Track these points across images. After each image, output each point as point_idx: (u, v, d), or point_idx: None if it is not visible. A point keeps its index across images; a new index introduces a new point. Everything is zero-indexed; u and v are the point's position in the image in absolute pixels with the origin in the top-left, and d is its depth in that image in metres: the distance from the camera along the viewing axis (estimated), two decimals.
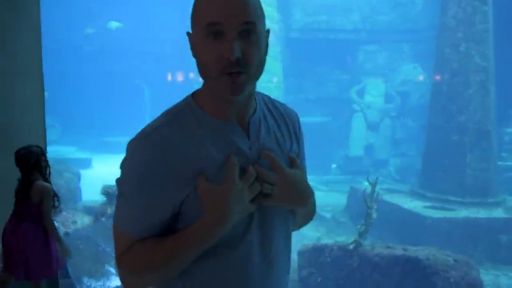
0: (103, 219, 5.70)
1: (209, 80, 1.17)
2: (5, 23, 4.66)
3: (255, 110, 1.27)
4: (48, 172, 3.20)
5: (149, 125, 1.21)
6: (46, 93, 5.21)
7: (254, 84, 1.23)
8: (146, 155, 1.15)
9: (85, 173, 10.79)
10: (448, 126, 8.36)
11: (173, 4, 16.69)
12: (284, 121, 1.35)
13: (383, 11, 14.16)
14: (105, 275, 4.29)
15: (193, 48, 1.18)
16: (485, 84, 8.22)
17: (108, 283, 4.23)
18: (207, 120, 1.21)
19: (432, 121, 8.76)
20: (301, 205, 1.31)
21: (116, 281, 4.20)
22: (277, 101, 1.38)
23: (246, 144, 1.23)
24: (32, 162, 3.08)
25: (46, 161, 3.20)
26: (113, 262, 4.22)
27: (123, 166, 1.20)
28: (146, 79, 17.88)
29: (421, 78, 13.76)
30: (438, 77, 8.64)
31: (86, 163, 13.67)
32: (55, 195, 3.18)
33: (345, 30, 14.06)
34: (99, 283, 4.20)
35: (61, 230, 5.22)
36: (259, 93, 1.35)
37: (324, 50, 13.69)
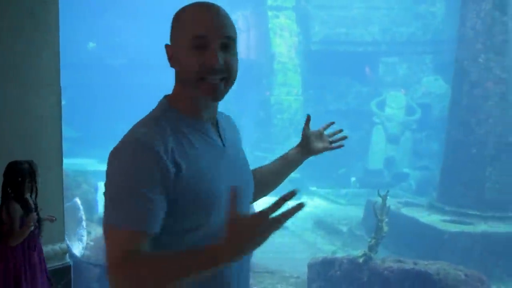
0: None
1: (191, 86, 1.30)
2: (27, 38, 4.81)
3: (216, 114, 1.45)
4: (30, 189, 2.99)
5: (133, 131, 1.28)
6: (63, 102, 5.32)
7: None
8: (143, 154, 1.22)
9: (103, 186, 10.93)
10: (467, 139, 8.22)
11: None
12: (230, 125, 1.54)
13: (403, 23, 14.08)
14: None
15: (174, 57, 1.33)
16: (505, 96, 8.07)
17: None
18: (187, 121, 1.33)
19: (451, 134, 8.62)
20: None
21: None
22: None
23: (220, 142, 1.38)
24: (20, 180, 2.93)
25: (33, 179, 3.00)
26: None
27: (116, 169, 1.24)
28: (168, 92, 18.14)
29: (442, 90, 13.58)
30: (456, 90, 8.53)
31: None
32: (24, 217, 2.92)
33: (364, 42, 14.02)
34: None
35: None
36: None
37: (343, 63, 13.66)
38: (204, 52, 1.27)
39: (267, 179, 1.75)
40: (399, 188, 12.34)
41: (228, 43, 1.31)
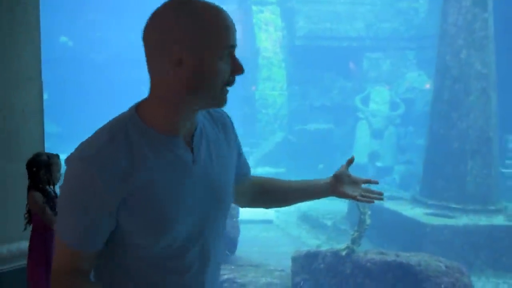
0: None
1: (205, 95, 1.23)
2: (6, 32, 4.74)
3: (197, 123, 1.34)
4: (47, 180, 3.14)
5: (90, 143, 1.24)
6: (45, 96, 5.26)
7: None
8: (87, 176, 1.19)
9: None
10: (449, 133, 8.33)
11: None
12: (217, 126, 1.43)
13: (387, 19, 14.19)
14: None
15: (193, 65, 1.20)
16: (486, 91, 8.18)
17: None
18: (151, 135, 1.25)
19: (433, 128, 8.73)
20: None
21: None
22: None
23: (190, 157, 1.29)
24: (35, 170, 3.10)
25: (49, 171, 3.14)
26: None
27: (64, 182, 1.24)
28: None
29: (426, 85, 13.72)
30: (438, 84, 8.63)
31: None
32: (53, 207, 3.08)
33: (349, 37, 14.10)
34: None
35: None
36: None
37: (328, 58, 13.73)
38: (232, 60, 1.25)
39: (278, 191, 1.69)
40: (383, 182, 12.45)
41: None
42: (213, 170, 1.34)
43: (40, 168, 3.11)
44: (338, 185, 1.68)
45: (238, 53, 1.31)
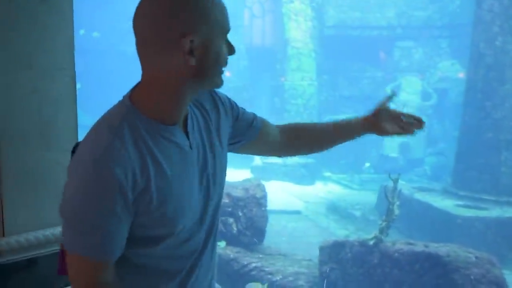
0: None
1: (210, 76, 1.24)
2: (42, 23, 4.89)
3: (187, 109, 1.34)
4: None
5: (93, 144, 1.19)
6: (78, 86, 5.40)
7: None
8: (104, 177, 1.13)
9: None
10: (482, 124, 8.13)
11: None
12: (205, 110, 1.42)
13: (419, 7, 13.85)
14: None
15: (203, 50, 1.20)
16: None
17: None
18: (151, 125, 1.23)
19: (466, 119, 8.54)
20: None
21: None
22: None
23: (187, 144, 1.30)
24: None
25: None
26: None
27: (75, 191, 1.15)
28: None
29: (460, 75, 13.39)
30: (472, 73, 8.42)
31: None
32: None
33: (379, 26, 13.85)
34: None
35: None
36: None
37: (358, 47, 13.53)
38: (228, 41, 1.28)
39: (309, 137, 1.68)
40: (414, 173, 12.28)
41: None
42: (206, 154, 1.35)
43: None
44: (377, 120, 1.64)
45: (268, 42, 1.32)
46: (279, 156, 1.73)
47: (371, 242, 4.74)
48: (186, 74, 1.21)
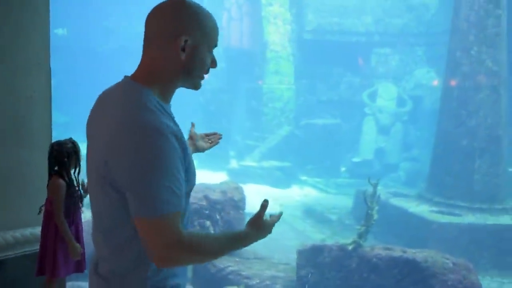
0: None
1: (192, 77, 1.55)
2: (16, 19, 4.73)
3: None
4: (72, 169, 3.14)
5: (137, 119, 1.39)
6: (53, 83, 5.24)
7: None
8: (159, 141, 1.35)
9: None
10: (457, 131, 8.25)
11: None
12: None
13: (396, 14, 14.06)
14: None
15: (189, 51, 1.50)
16: (496, 89, 8.10)
17: None
18: (160, 102, 1.49)
19: (441, 125, 8.66)
20: None
21: None
22: None
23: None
24: (65, 160, 3.07)
25: (76, 158, 3.14)
26: None
27: (141, 160, 1.34)
28: None
29: (434, 82, 13.62)
30: (448, 81, 8.55)
31: None
32: (74, 193, 3.11)
33: (358, 32, 13.99)
34: None
35: None
36: None
37: (336, 52, 13.63)
38: (212, 55, 1.57)
39: None
40: (389, 179, 12.40)
41: None
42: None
43: (71, 155, 3.08)
44: (196, 143, 2.03)
45: (247, 45, 1.47)
46: None
47: (350, 247, 4.73)
48: (177, 67, 1.51)
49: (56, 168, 3.08)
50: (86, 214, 5.80)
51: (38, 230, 3.57)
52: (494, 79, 8.06)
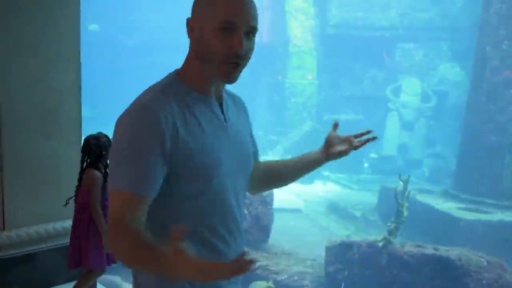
0: None
1: (209, 64, 1.35)
2: (48, 12, 4.75)
3: (222, 96, 1.49)
4: (106, 162, 3.18)
5: (144, 95, 1.35)
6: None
7: None
8: (147, 118, 1.28)
9: None
10: (486, 127, 8.10)
11: None
12: (235, 105, 1.57)
13: (422, 8, 13.83)
14: None
15: (196, 32, 1.35)
16: None
17: None
18: (191, 93, 1.39)
19: (469, 121, 8.51)
20: None
21: None
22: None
23: (222, 117, 1.44)
24: (98, 153, 3.12)
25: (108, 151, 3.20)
26: None
27: (121, 132, 1.30)
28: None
29: (459, 77, 13.39)
30: (476, 76, 8.38)
31: None
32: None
33: (382, 27, 13.80)
34: None
35: None
36: None
37: (360, 47, 13.49)
38: (229, 36, 1.31)
39: (279, 171, 1.79)
40: (412, 174, 12.23)
41: (251, 31, 1.35)
42: (239, 132, 1.49)
43: (107, 149, 3.12)
44: (330, 149, 1.74)
45: (269, 39, 1.30)
46: (249, 192, 1.73)
47: (381, 244, 4.67)
48: (193, 53, 1.38)
49: (92, 161, 3.10)
50: None
51: (67, 223, 3.60)
52: None
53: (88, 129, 4.28)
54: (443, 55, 13.99)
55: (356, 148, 1.74)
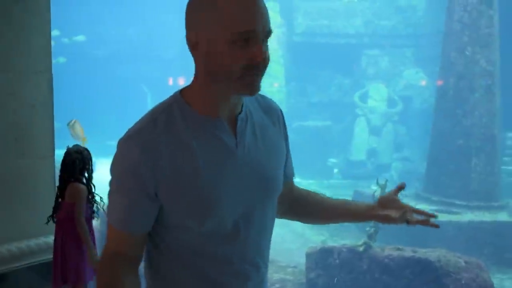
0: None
1: (225, 80, 1.19)
2: (17, 23, 4.64)
3: (242, 107, 1.30)
4: (89, 175, 3.16)
5: (135, 125, 1.26)
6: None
7: None
8: (128, 155, 1.21)
9: None
10: (453, 131, 8.36)
11: (175, 10, 16.67)
12: (265, 113, 1.38)
13: (385, 16, 14.21)
14: None
15: (203, 48, 1.19)
16: (490, 89, 8.24)
17: None
18: (194, 117, 1.24)
19: (437, 125, 8.75)
20: None
21: None
22: (259, 94, 1.35)
23: (233, 141, 1.26)
24: (82, 167, 3.07)
25: (90, 164, 3.16)
26: None
27: (111, 165, 1.26)
28: (148, 83, 17.87)
29: (423, 83, 13.78)
30: (443, 81, 8.65)
31: None
32: (92, 199, 3.10)
33: (347, 34, 14.09)
34: None
35: None
36: None
37: (326, 55, 13.70)
38: (248, 47, 1.16)
39: (313, 208, 1.61)
40: (381, 179, 12.45)
41: (267, 36, 1.21)
42: (258, 153, 1.30)
43: (87, 163, 3.09)
44: (381, 209, 1.55)
45: None
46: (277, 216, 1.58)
47: (361, 248, 4.74)
48: (202, 70, 1.22)
49: (76, 174, 3.05)
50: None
51: (43, 240, 3.49)
52: (488, 78, 8.20)
53: (56, 142, 4.21)
54: (407, 61, 14.37)
55: (408, 223, 1.55)
